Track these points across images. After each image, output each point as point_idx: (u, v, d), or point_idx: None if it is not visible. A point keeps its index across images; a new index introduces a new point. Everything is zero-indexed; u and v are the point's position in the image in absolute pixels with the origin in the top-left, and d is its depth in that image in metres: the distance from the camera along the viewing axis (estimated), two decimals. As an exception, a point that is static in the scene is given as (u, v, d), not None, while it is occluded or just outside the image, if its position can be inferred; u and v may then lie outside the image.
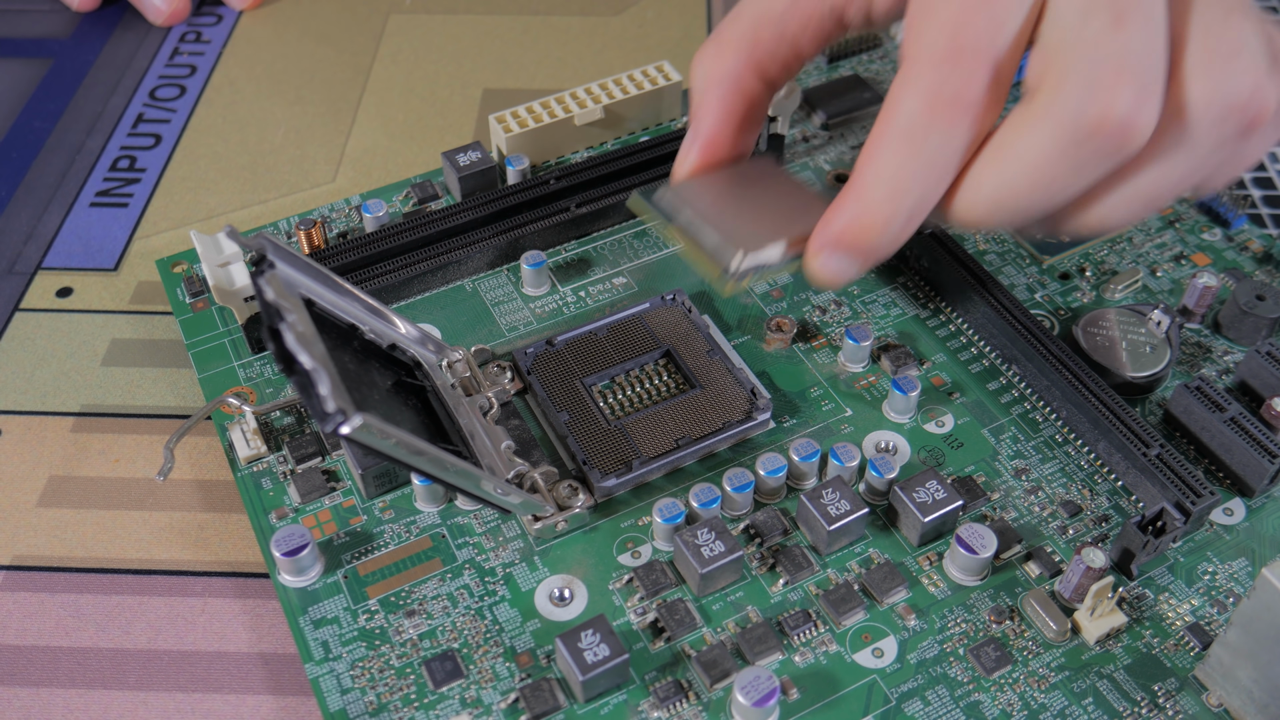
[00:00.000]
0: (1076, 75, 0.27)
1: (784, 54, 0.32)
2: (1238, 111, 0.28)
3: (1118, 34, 0.26)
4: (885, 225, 0.29)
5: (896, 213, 0.28)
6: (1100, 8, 0.27)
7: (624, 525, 0.32)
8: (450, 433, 0.31)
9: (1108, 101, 0.26)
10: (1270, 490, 0.33)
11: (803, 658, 0.30)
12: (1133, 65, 0.26)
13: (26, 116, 0.48)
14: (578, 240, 0.40)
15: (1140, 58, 0.27)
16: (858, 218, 0.29)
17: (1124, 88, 0.26)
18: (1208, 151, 0.28)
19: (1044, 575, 0.31)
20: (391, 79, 0.49)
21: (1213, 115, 0.28)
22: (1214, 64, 0.27)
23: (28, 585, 0.32)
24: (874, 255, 0.29)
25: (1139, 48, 0.27)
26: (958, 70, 0.27)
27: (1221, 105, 0.27)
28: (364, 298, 0.31)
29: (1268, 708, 0.28)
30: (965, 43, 0.27)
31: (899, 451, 0.34)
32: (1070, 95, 0.27)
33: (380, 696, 0.29)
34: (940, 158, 0.28)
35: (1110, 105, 0.26)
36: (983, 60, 0.27)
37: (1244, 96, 0.27)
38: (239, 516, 0.34)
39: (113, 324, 0.39)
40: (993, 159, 0.28)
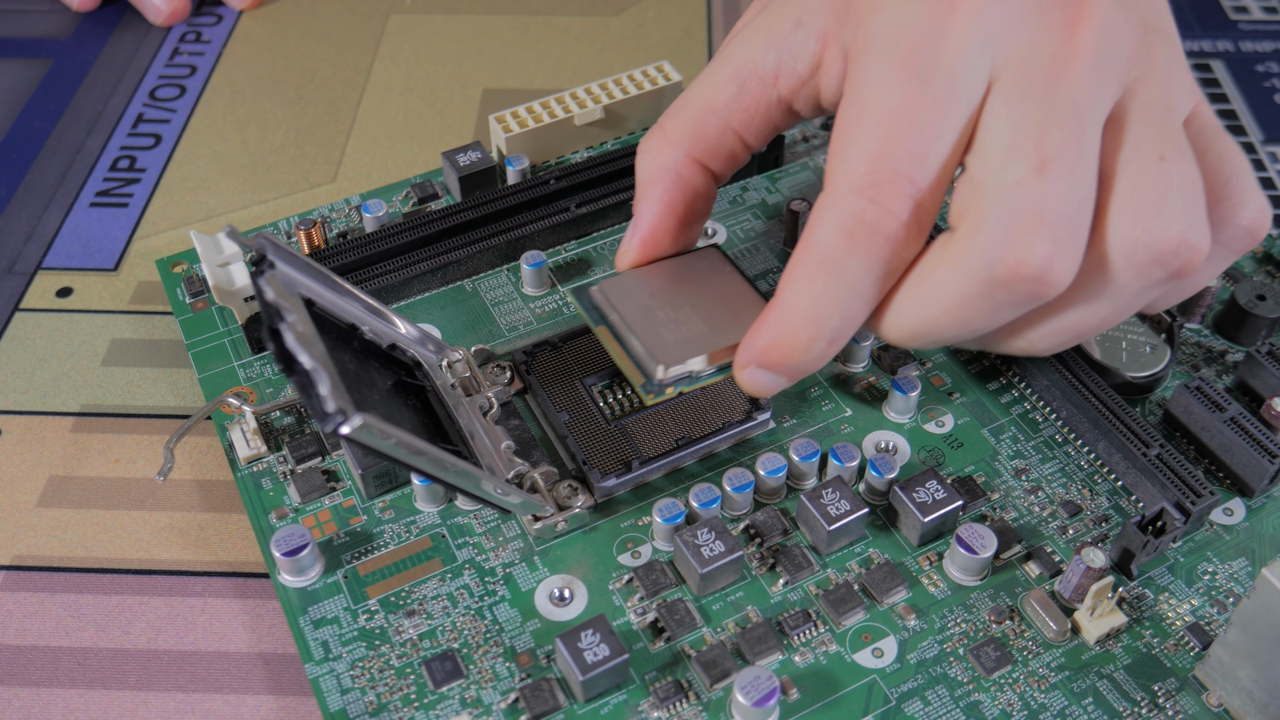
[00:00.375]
0: (993, 222, 0.26)
1: (729, 146, 0.32)
2: (1164, 260, 0.27)
3: (1039, 182, 0.26)
4: (808, 347, 0.29)
5: (818, 335, 0.28)
6: (1025, 152, 0.26)
7: (624, 525, 0.32)
8: (450, 433, 0.31)
9: (1022, 253, 0.26)
10: (1270, 490, 0.33)
11: (803, 658, 0.30)
12: (1052, 216, 0.26)
13: (26, 116, 0.48)
14: (578, 240, 0.40)
15: (1061, 208, 0.26)
16: (780, 340, 0.29)
17: (1040, 240, 0.26)
18: (1135, 294, 0.28)
19: (1044, 575, 0.31)
20: (391, 79, 0.49)
21: (1138, 264, 0.27)
22: (1141, 212, 0.27)
23: (28, 585, 0.32)
24: (800, 372, 0.30)
25: (1060, 197, 0.26)
26: (876, 202, 0.27)
27: (1147, 255, 0.27)
28: (364, 298, 0.31)
29: (1268, 708, 0.28)
30: (885, 174, 0.27)
31: (899, 451, 0.34)
32: (985, 242, 0.26)
33: (380, 696, 0.29)
34: (861, 285, 0.28)
35: (1025, 257, 0.26)
36: (903, 192, 0.27)
37: (1171, 246, 0.27)
38: (239, 516, 0.34)
39: (113, 324, 0.39)
40: (912, 293, 0.28)
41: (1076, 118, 0.26)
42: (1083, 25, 0.27)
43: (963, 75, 0.27)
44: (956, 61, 0.27)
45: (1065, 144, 0.26)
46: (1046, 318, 0.29)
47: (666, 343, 0.31)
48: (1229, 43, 0.52)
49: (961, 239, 0.27)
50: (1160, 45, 0.28)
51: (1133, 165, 0.27)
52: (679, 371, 0.31)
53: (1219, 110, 0.48)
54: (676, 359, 0.31)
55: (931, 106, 0.26)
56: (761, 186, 0.42)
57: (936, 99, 0.27)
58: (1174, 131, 0.28)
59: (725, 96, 0.31)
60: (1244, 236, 0.29)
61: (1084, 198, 0.26)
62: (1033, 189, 0.26)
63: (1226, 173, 0.29)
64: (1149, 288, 0.28)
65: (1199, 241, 0.27)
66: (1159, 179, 0.27)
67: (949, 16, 0.27)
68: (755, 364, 0.30)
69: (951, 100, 0.27)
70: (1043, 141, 0.26)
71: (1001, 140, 0.27)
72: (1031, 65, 0.27)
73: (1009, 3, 0.27)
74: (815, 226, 0.28)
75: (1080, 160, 0.26)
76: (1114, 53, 0.27)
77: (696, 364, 0.31)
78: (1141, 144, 0.27)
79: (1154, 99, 0.28)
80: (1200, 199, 0.27)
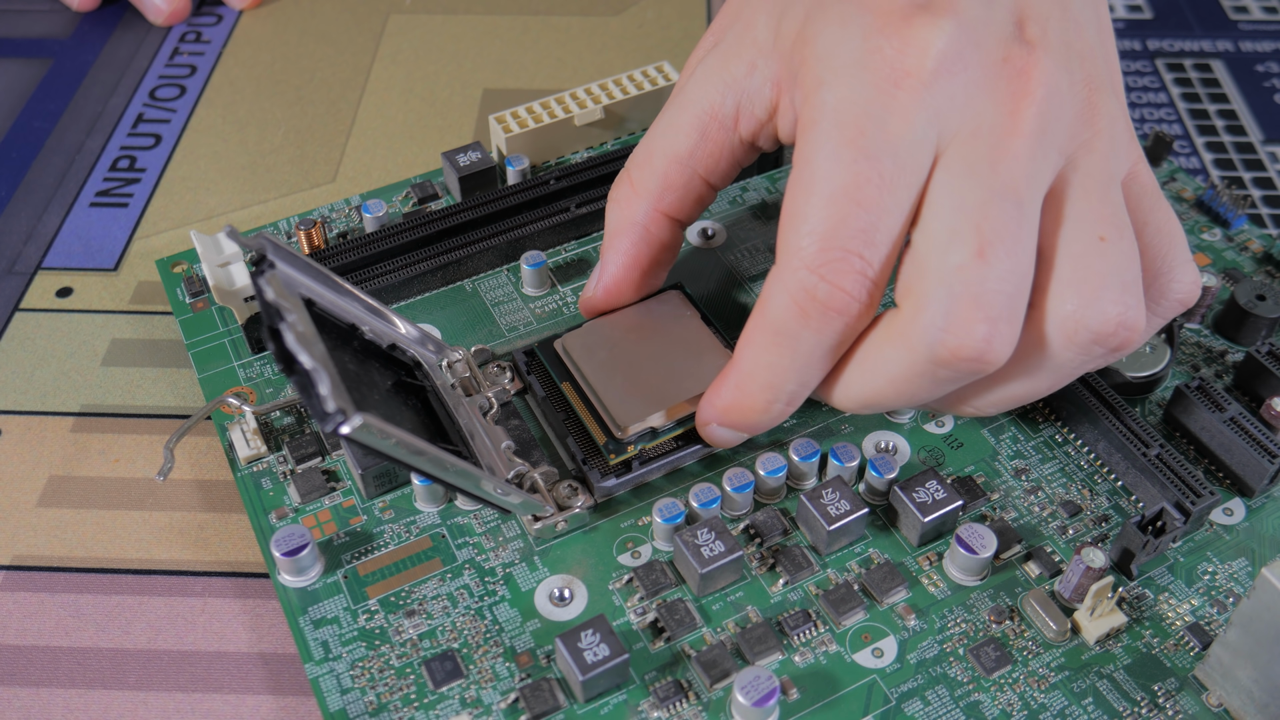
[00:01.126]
0: (934, 304, 0.27)
1: (696, 190, 0.33)
2: (1103, 340, 0.28)
3: (979, 266, 0.26)
4: (765, 409, 0.30)
5: (775, 399, 0.30)
6: (965, 236, 0.27)
7: (624, 525, 0.32)
8: (450, 433, 0.31)
9: (962, 335, 0.27)
10: (1270, 490, 0.33)
11: (803, 658, 0.30)
12: (990, 298, 0.27)
13: (26, 116, 0.48)
14: (578, 240, 0.40)
15: (999, 290, 0.27)
16: (738, 403, 0.30)
17: (979, 323, 0.26)
18: (1075, 368, 0.29)
19: (1044, 575, 0.31)
20: (391, 79, 0.49)
21: (1078, 344, 0.28)
22: (1081, 294, 0.27)
23: (28, 585, 0.32)
24: (760, 429, 0.31)
25: (999, 279, 0.26)
26: (827, 279, 0.27)
27: (1087, 336, 0.28)
28: (364, 298, 0.31)
29: (1268, 708, 0.28)
30: (835, 252, 0.27)
31: (899, 451, 0.34)
32: (927, 324, 0.27)
33: (380, 696, 0.29)
34: (814, 354, 0.29)
35: (965, 339, 0.27)
36: (852, 268, 0.27)
37: (1109, 328, 0.27)
38: (239, 516, 0.34)
39: (113, 324, 0.39)
40: (860, 367, 0.29)
41: (1016, 199, 0.27)
42: (1026, 100, 0.27)
43: (909, 152, 0.27)
44: (903, 138, 0.27)
45: (1005, 226, 0.27)
46: (990, 389, 0.30)
47: (627, 401, 0.32)
48: (1229, 43, 0.52)
49: (905, 319, 0.28)
50: (1104, 103, 0.29)
51: (1074, 245, 0.27)
52: (639, 429, 0.32)
53: (1219, 110, 0.48)
54: (637, 417, 0.32)
55: (879, 185, 0.27)
56: (762, 187, 0.42)
57: (884, 177, 0.27)
58: (1114, 206, 0.28)
59: (689, 145, 0.32)
60: (1177, 306, 0.30)
61: (1022, 277, 0.27)
62: (973, 273, 0.26)
63: (1164, 248, 0.29)
64: (1088, 362, 0.29)
65: (1136, 321, 0.27)
66: (1098, 261, 0.27)
67: (895, 92, 0.27)
68: (715, 423, 0.31)
69: (899, 177, 0.27)
70: (983, 224, 0.26)
71: (944, 221, 0.27)
72: (975, 141, 0.27)
73: (955, 78, 0.27)
74: (768, 299, 0.28)
75: (1019, 242, 0.27)
76: (1057, 124, 0.28)
77: (657, 420, 0.32)
78: (1082, 223, 0.28)
79: (1095, 170, 0.28)
80: (1137, 278, 0.28)
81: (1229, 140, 0.47)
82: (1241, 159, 0.46)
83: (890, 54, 0.27)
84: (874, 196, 0.27)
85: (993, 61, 0.27)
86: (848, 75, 0.28)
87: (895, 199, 0.27)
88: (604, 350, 0.34)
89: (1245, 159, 0.46)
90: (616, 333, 0.34)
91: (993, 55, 0.27)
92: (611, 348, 0.34)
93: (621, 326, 0.34)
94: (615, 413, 0.32)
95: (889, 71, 0.27)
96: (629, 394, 0.32)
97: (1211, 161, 0.46)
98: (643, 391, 0.33)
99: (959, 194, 0.27)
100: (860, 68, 0.27)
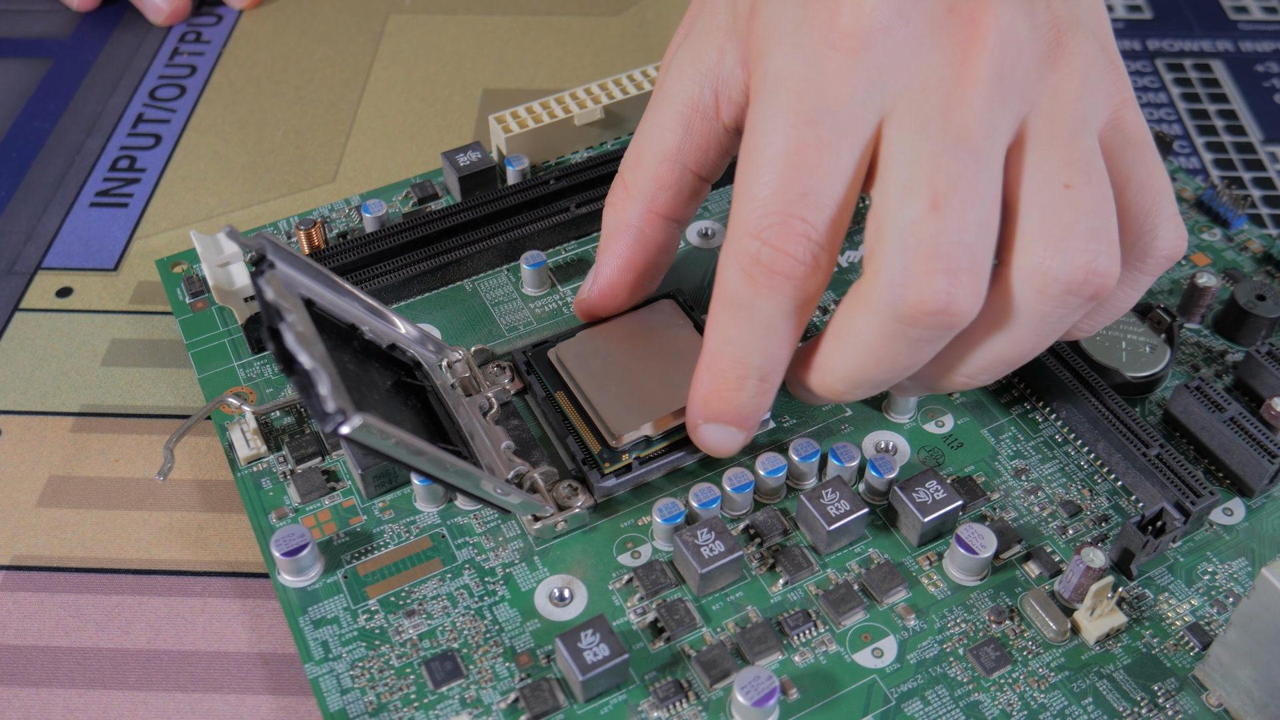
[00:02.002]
0: (892, 262, 0.26)
1: (690, 186, 0.33)
2: (1076, 289, 0.27)
3: (934, 218, 0.26)
4: (739, 388, 0.29)
5: (746, 375, 0.29)
6: (918, 190, 0.26)
7: (624, 525, 0.32)
8: (450, 433, 0.31)
9: (922, 290, 0.26)
10: (1270, 490, 0.33)
11: (802, 658, 0.30)
12: (947, 251, 0.26)
13: (26, 116, 0.48)
14: (578, 240, 0.40)
15: (957, 242, 0.26)
16: (713, 387, 0.30)
17: (937, 275, 0.26)
18: (1055, 321, 0.28)
19: (1044, 575, 0.31)
20: (391, 79, 0.49)
21: (1051, 295, 0.27)
22: (1047, 243, 0.27)
23: (28, 585, 0.32)
24: (744, 418, 0.30)
25: (956, 231, 0.26)
26: (770, 243, 0.27)
27: (1058, 286, 0.27)
28: (364, 298, 0.31)
29: (1268, 708, 0.28)
30: (776, 216, 0.27)
31: (899, 451, 0.34)
32: (887, 283, 0.27)
33: (380, 696, 0.29)
34: (773, 322, 0.28)
35: (925, 294, 0.26)
36: (795, 231, 0.27)
37: (1080, 276, 0.27)
38: (239, 516, 0.34)
39: (113, 324, 0.39)
40: (835, 343, 0.29)
41: (971, 147, 0.26)
42: (977, 46, 0.27)
43: (850, 113, 0.27)
44: (842, 100, 0.27)
45: (959, 176, 0.26)
46: (973, 351, 0.29)
47: (621, 410, 0.32)
48: (1229, 43, 0.52)
49: (867, 283, 0.27)
50: (1075, 44, 0.28)
51: (1037, 194, 0.27)
52: (634, 438, 0.32)
53: (1219, 110, 0.48)
54: (631, 426, 0.32)
55: (817, 148, 0.27)
56: (761, 186, 0.42)
57: (822, 140, 0.27)
58: (1083, 151, 0.27)
59: (675, 141, 0.32)
60: (1164, 263, 0.29)
61: (982, 227, 0.26)
62: (928, 226, 0.26)
63: (1148, 203, 0.29)
64: (1067, 314, 0.28)
65: (1107, 268, 0.27)
66: (1064, 208, 0.27)
67: (832, 54, 0.27)
68: (702, 419, 0.31)
69: (839, 140, 0.27)
70: (936, 176, 0.26)
71: (897, 177, 0.27)
72: (925, 95, 0.27)
73: (895, 34, 0.27)
74: (721, 272, 0.28)
75: (975, 191, 0.26)
76: (1015, 69, 0.27)
77: (650, 429, 0.32)
78: (1045, 170, 0.27)
79: (1062, 115, 0.27)
80: (1108, 224, 0.27)
81: (1229, 140, 0.47)
82: (1241, 159, 0.46)
83: (826, 17, 0.27)
84: (813, 159, 0.27)
85: (938, 13, 0.27)
86: (788, 43, 0.28)
87: (837, 161, 0.27)
88: (598, 359, 0.34)
89: (1245, 159, 0.46)
90: (610, 342, 0.34)
91: (937, 7, 0.27)
92: (605, 357, 0.34)
93: (615, 335, 0.34)
94: (609, 421, 0.32)
95: (825, 34, 0.27)
96: (623, 403, 0.33)
97: (1211, 161, 0.46)
98: (637, 400, 0.33)
99: (911, 148, 0.27)
100: (799, 34, 0.28)
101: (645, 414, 0.32)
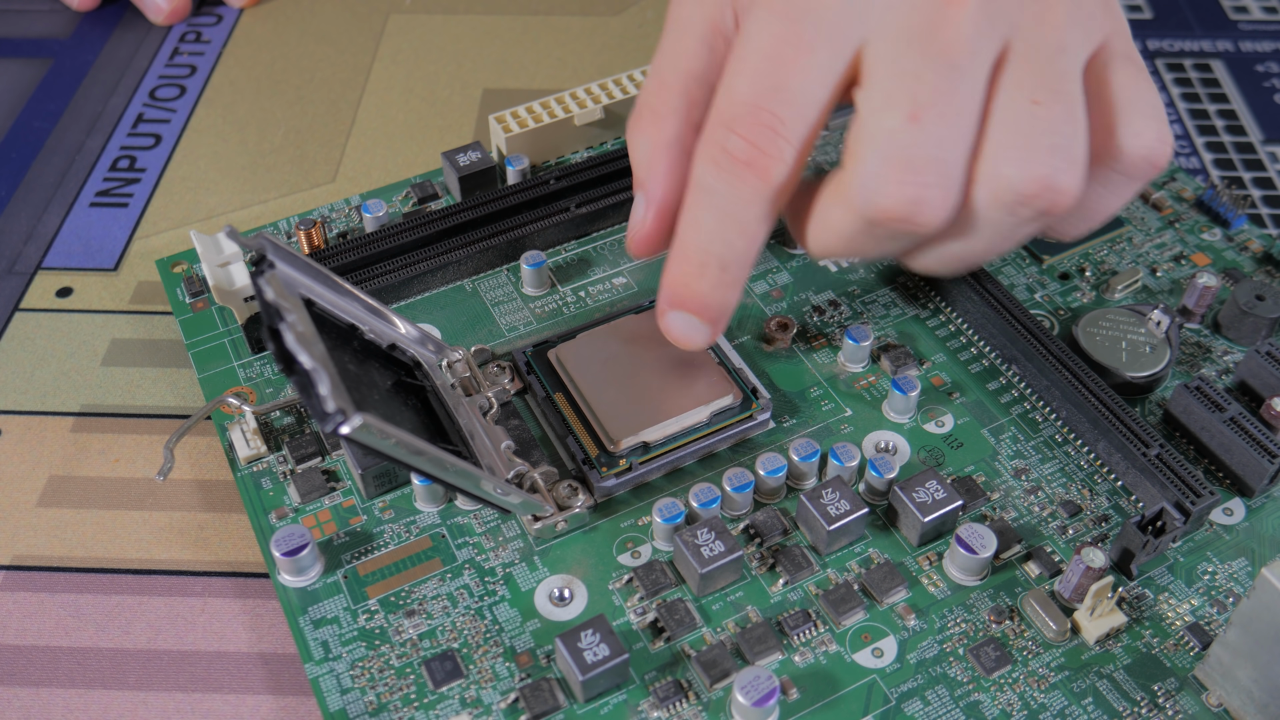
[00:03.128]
0: (867, 166, 0.28)
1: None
2: (1029, 201, 0.28)
3: (911, 131, 0.27)
4: (700, 275, 0.30)
5: (707, 262, 0.30)
6: (899, 101, 0.27)
7: (624, 525, 0.32)
8: (450, 433, 0.31)
9: (891, 198, 0.27)
10: (1270, 490, 0.33)
11: (802, 658, 0.30)
12: (920, 163, 0.27)
13: (26, 116, 0.48)
14: (578, 240, 0.40)
15: (930, 155, 0.27)
16: (678, 273, 0.30)
17: (907, 186, 0.27)
18: (1011, 229, 0.29)
19: (1044, 575, 0.31)
20: (391, 79, 0.49)
21: (1004, 205, 0.28)
22: (1007, 156, 0.28)
23: (28, 585, 0.32)
24: (706, 308, 0.31)
25: (931, 144, 0.27)
26: (739, 133, 0.28)
27: (1012, 197, 0.28)
28: (364, 298, 0.31)
29: (1268, 708, 0.28)
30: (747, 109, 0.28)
31: (899, 451, 0.34)
32: (860, 186, 0.28)
33: (380, 696, 0.29)
34: (734, 211, 0.29)
35: (893, 202, 0.27)
36: (764, 124, 0.28)
37: (1033, 189, 0.28)
38: (239, 516, 0.34)
39: (113, 324, 0.39)
40: (815, 222, 0.30)
41: (952, 65, 0.27)
42: None
43: (834, 18, 0.28)
44: (827, 5, 0.28)
45: (939, 92, 0.27)
46: (932, 247, 0.30)
47: (620, 414, 0.32)
48: (1229, 43, 0.52)
49: (843, 180, 0.28)
50: None
51: (1005, 110, 0.28)
52: (632, 443, 0.32)
53: (1219, 110, 0.48)
54: (630, 431, 0.32)
55: (796, 46, 0.28)
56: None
57: (801, 39, 0.28)
58: (1057, 72, 0.28)
59: (701, 63, 0.31)
60: (1142, 165, 0.30)
61: (957, 143, 0.27)
62: (904, 138, 0.27)
63: (1121, 102, 0.29)
64: (1021, 224, 0.29)
65: (1065, 184, 0.28)
66: (1028, 123, 0.28)
67: None
68: (668, 305, 0.31)
69: (819, 42, 0.28)
70: (917, 90, 0.27)
71: (880, 86, 0.28)
72: (912, 13, 0.28)
73: None
74: (694, 162, 0.29)
75: (953, 107, 0.27)
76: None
77: (649, 435, 0.32)
78: (1017, 88, 0.28)
79: (1042, 39, 0.28)
80: (1073, 142, 0.28)
81: (1229, 140, 0.47)
82: (1241, 159, 0.46)
83: None
84: (790, 56, 0.28)
85: None
86: None
87: (815, 61, 0.28)
88: (598, 362, 0.34)
89: (1245, 159, 0.46)
90: (611, 344, 0.34)
91: None
92: (605, 360, 0.34)
93: (616, 338, 0.34)
94: (608, 426, 0.32)
95: None
96: (622, 408, 0.33)
97: (1211, 161, 0.46)
98: (636, 405, 0.33)
99: (896, 60, 0.28)
100: None
101: (645, 419, 0.32)
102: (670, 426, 0.32)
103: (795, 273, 0.39)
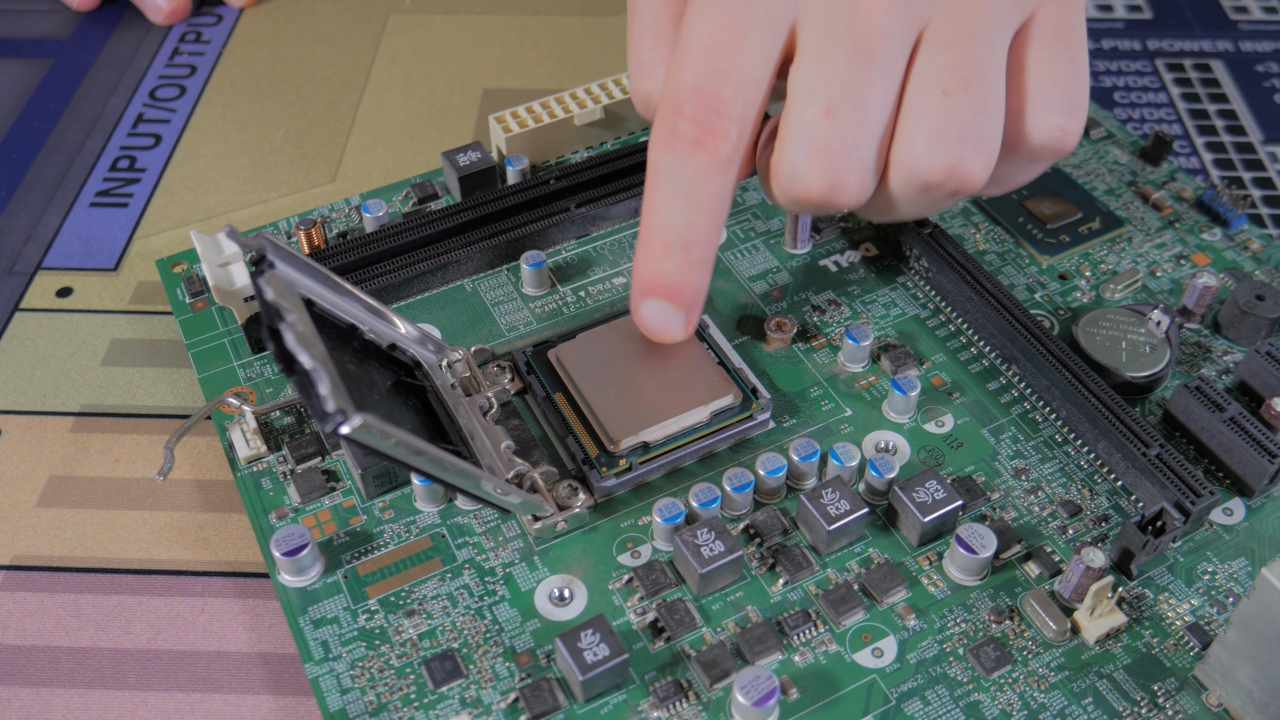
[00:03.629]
0: (788, 154, 0.30)
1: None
2: (936, 186, 0.30)
3: (826, 123, 0.29)
4: (665, 257, 0.31)
5: (670, 242, 0.31)
6: (816, 94, 0.29)
7: (624, 525, 0.32)
8: (450, 433, 0.31)
9: (809, 183, 0.30)
10: (1270, 490, 0.33)
11: (802, 658, 0.30)
12: (834, 154, 0.29)
13: (26, 116, 0.48)
14: (578, 240, 0.40)
15: (843, 146, 0.29)
16: (644, 257, 0.31)
17: (824, 174, 0.29)
18: (922, 206, 0.31)
19: (1044, 575, 0.31)
20: (391, 79, 0.49)
21: (911, 186, 0.30)
22: (915, 144, 0.29)
23: (28, 585, 0.32)
24: (675, 292, 0.31)
25: (844, 136, 0.29)
26: (685, 115, 0.30)
27: (918, 183, 0.30)
28: (364, 298, 0.31)
29: (1268, 708, 0.28)
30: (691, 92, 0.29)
31: (899, 451, 0.34)
32: (782, 171, 0.30)
33: (380, 696, 0.29)
34: (689, 189, 0.30)
35: (809, 188, 0.30)
36: (707, 105, 0.29)
37: (937, 177, 0.30)
38: (239, 516, 0.34)
39: (113, 324, 0.39)
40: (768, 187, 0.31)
41: (867, 57, 0.29)
42: None
43: (764, 6, 0.29)
44: None
45: (854, 85, 0.29)
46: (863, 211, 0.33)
47: (620, 414, 0.32)
48: (1229, 43, 0.52)
49: (773, 159, 0.30)
50: None
51: (916, 98, 0.30)
52: (632, 444, 0.32)
53: (1219, 110, 0.48)
54: (629, 431, 0.32)
55: (731, 33, 0.29)
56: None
57: (736, 26, 0.29)
58: (974, 58, 0.29)
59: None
60: (1045, 152, 0.31)
61: (870, 131, 0.29)
62: (820, 130, 0.29)
63: (1034, 87, 0.30)
64: (933, 202, 0.31)
65: (971, 169, 0.30)
66: (937, 112, 0.29)
67: None
68: (639, 295, 0.32)
69: (753, 28, 0.29)
70: (833, 83, 0.29)
71: (802, 75, 0.29)
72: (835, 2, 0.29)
73: None
74: (649, 146, 0.31)
75: (867, 99, 0.29)
76: None
77: (649, 435, 0.32)
78: (929, 77, 0.29)
79: (960, 20, 0.29)
80: (981, 128, 0.29)
81: (1229, 140, 0.47)
82: (1241, 159, 0.46)
83: None
84: (726, 42, 0.29)
85: None
86: None
87: (748, 45, 0.29)
88: (598, 362, 0.34)
89: (1245, 159, 0.46)
90: (611, 345, 0.34)
91: None
92: (605, 360, 0.34)
93: (616, 338, 0.34)
94: (608, 426, 0.32)
95: None
96: (622, 408, 0.33)
97: (1211, 161, 0.46)
98: (636, 405, 0.33)
99: (815, 51, 0.29)
100: None
101: (644, 420, 0.32)
102: (670, 426, 0.32)
103: (795, 273, 0.39)
